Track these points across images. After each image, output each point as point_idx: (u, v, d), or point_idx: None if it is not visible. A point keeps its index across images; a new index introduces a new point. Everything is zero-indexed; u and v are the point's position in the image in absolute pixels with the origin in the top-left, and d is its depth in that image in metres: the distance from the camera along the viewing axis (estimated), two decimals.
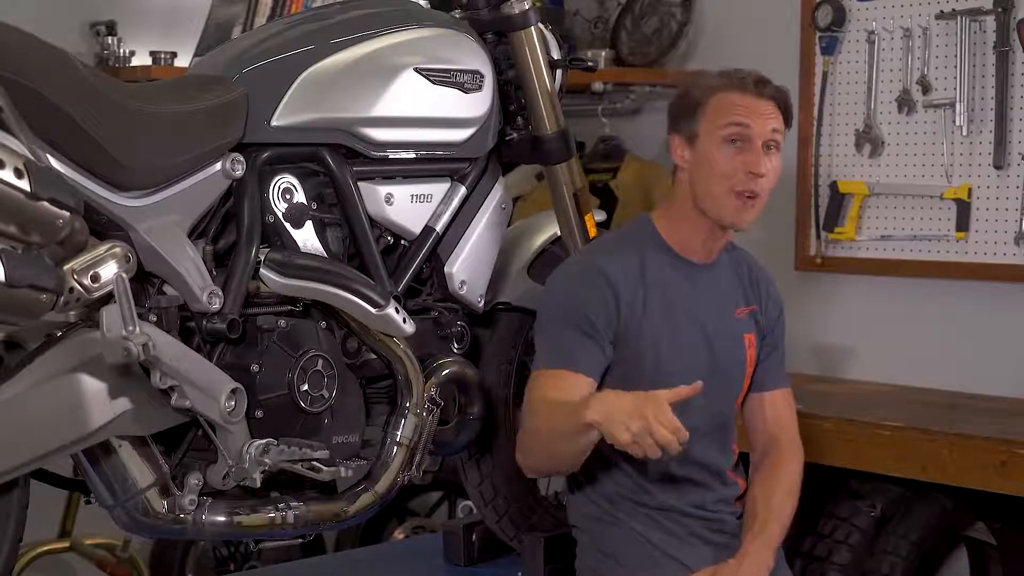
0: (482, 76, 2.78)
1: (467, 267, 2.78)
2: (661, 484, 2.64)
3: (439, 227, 2.73)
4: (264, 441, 2.39)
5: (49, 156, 2.17)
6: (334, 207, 2.62)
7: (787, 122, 2.64)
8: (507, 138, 2.91)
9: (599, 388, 2.57)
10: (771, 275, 2.85)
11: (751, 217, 2.60)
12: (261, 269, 2.47)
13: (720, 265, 2.72)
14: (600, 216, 3.03)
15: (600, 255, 2.69)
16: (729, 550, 2.62)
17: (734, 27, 4.35)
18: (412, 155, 2.70)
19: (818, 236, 4.08)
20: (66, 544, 3.79)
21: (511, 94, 2.89)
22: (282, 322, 2.50)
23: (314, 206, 2.58)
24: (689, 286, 2.66)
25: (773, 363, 2.77)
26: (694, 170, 2.61)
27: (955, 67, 3.80)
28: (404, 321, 2.56)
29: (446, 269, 2.76)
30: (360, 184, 2.62)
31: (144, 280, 2.34)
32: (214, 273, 2.42)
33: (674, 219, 2.67)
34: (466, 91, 2.75)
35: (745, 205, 2.58)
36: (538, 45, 2.87)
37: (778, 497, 2.67)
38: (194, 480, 2.37)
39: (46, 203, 2.07)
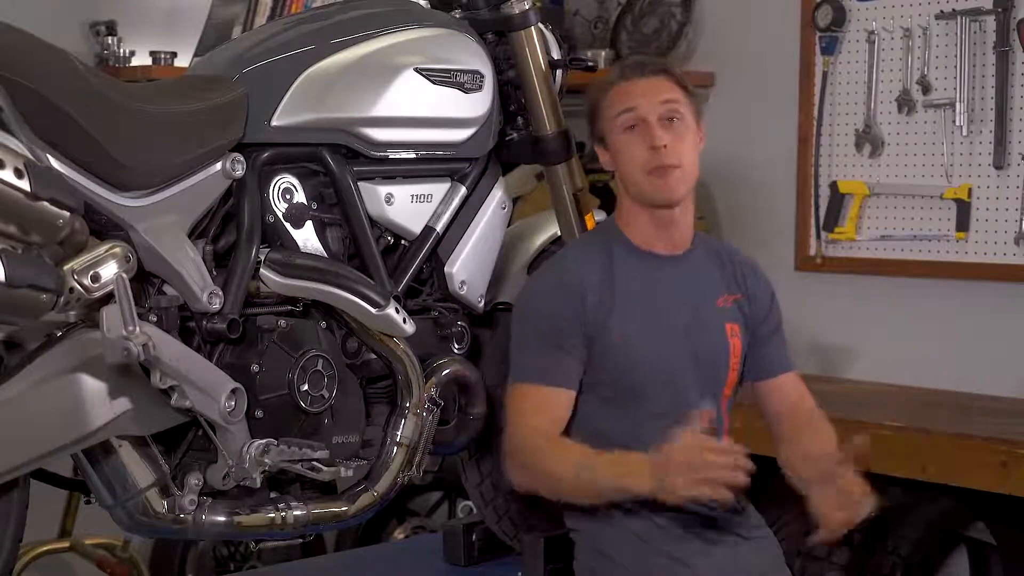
0: (482, 76, 2.78)
1: (467, 267, 2.78)
2: None
3: (439, 227, 2.73)
4: (264, 441, 2.38)
5: (49, 156, 2.17)
6: (334, 207, 2.61)
7: (683, 89, 2.65)
8: (507, 138, 2.91)
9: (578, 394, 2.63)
10: (760, 264, 2.83)
11: (678, 190, 2.63)
12: (261, 269, 2.47)
13: (695, 256, 2.73)
14: (600, 216, 3.03)
15: (567, 262, 2.72)
16: (725, 545, 2.61)
17: (734, 27, 4.35)
18: (412, 155, 2.70)
19: (818, 236, 4.08)
20: (66, 544, 3.79)
21: (511, 94, 2.89)
22: (282, 322, 2.49)
23: (314, 206, 2.58)
24: (661, 278, 2.68)
25: (775, 348, 2.77)
26: (616, 168, 2.68)
27: (955, 67, 3.80)
28: (404, 321, 2.56)
29: (446, 269, 2.76)
30: (360, 184, 2.62)
31: (144, 280, 2.34)
32: (214, 273, 2.41)
33: (626, 219, 2.71)
34: (466, 91, 2.75)
35: (663, 179, 2.61)
36: (538, 45, 2.87)
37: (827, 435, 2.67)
38: (194, 480, 2.36)
39: (46, 203, 2.07)
